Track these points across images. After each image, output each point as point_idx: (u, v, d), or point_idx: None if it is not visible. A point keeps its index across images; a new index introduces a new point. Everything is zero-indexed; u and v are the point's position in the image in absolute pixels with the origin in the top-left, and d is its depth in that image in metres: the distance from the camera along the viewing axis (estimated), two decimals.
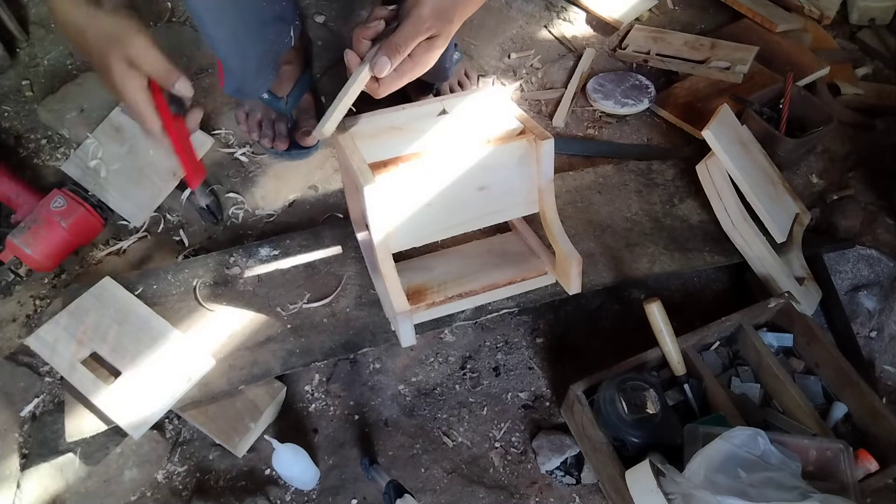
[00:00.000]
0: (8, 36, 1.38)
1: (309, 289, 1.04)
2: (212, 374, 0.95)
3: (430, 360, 1.08)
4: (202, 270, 1.06)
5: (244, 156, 1.28)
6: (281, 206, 1.24)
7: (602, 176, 1.21)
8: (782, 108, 1.25)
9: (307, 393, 1.04)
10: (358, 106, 0.82)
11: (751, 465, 0.76)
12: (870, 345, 1.11)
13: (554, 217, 0.93)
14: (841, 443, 0.83)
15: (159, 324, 0.98)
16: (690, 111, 1.37)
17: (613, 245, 1.11)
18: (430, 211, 0.88)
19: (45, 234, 1.07)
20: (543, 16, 1.59)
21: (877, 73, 1.53)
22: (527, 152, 0.89)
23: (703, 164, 1.12)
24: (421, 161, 0.86)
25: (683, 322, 1.00)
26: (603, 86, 1.41)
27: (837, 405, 0.97)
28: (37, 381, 1.03)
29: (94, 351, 0.94)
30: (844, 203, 1.25)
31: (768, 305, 1.01)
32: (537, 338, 1.11)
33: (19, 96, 1.34)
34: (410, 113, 0.93)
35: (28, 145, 1.28)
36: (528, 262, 1.02)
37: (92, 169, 1.19)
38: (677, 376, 0.95)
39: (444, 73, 1.30)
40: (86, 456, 0.95)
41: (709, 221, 1.15)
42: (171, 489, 0.95)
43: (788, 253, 1.10)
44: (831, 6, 1.61)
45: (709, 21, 1.62)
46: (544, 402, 1.05)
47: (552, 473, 0.98)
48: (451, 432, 1.02)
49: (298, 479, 0.93)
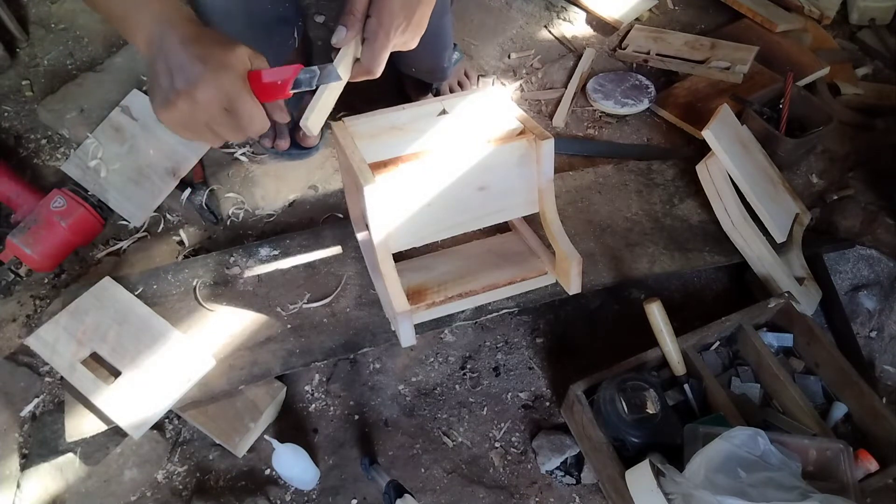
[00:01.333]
0: (8, 36, 1.38)
1: (309, 289, 1.04)
2: (212, 374, 0.95)
3: (430, 360, 1.08)
4: (202, 270, 1.06)
5: (244, 156, 1.28)
6: (281, 206, 1.24)
7: (602, 176, 1.21)
8: (782, 108, 1.25)
9: (307, 393, 1.04)
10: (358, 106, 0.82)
11: (751, 465, 0.76)
12: (870, 345, 1.11)
13: (554, 217, 0.93)
14: (841, 443, 0.83)
15: (159, 324, 0.98)
16: (690, 111, 1.37)
17: (613, 245, 1.11)
18: (430, 211, 0.88)
19: (45, 234, 1.07)
20: (543, 16, 1.60)
21: (877, 73, 1.53)
22: (527, 152, 0.89)
23: (703, 164, 1.12)
24: (421, 161, 0.86)
25: (683, 322, 1.00)
26: (603, 86, 1.41)
27: (837, 405, 0.97)
28: (37, 381, 1.03)
29: (94, 351, 0.94)
30: (844, 203, 1.25)
31: (768, 305, 1.01)
32: (537, 338, 1.11)
33: (19, 96, 1.34)
34: (410, 113, 0.93)
35: (28, 145, 1.28)
36: (528, 262, 1.02)
37: (92, 169, 1.19)
38: (677, 376, 0.95)
39: (444, 73, 1.30)
40: (86, 456, 0.95)
41: (709, 221, 1.15)
42: (171, 489, 0.95)
43: (788, 253, 1.10)
44: (831, 6, 1.61)
45: (709, 21, 1.62)
46: (544, 402, 1.05)
47: (552, 473, 0.98)
48: (451, 432, 1.02)
49: (298, 479, 0.93)
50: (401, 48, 0.77)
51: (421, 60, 1.24)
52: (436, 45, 1.19)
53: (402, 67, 1.27)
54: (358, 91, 0.78)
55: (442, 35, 1.17)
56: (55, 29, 1.42)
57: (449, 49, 1.24)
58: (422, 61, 1.24)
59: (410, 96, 1.35)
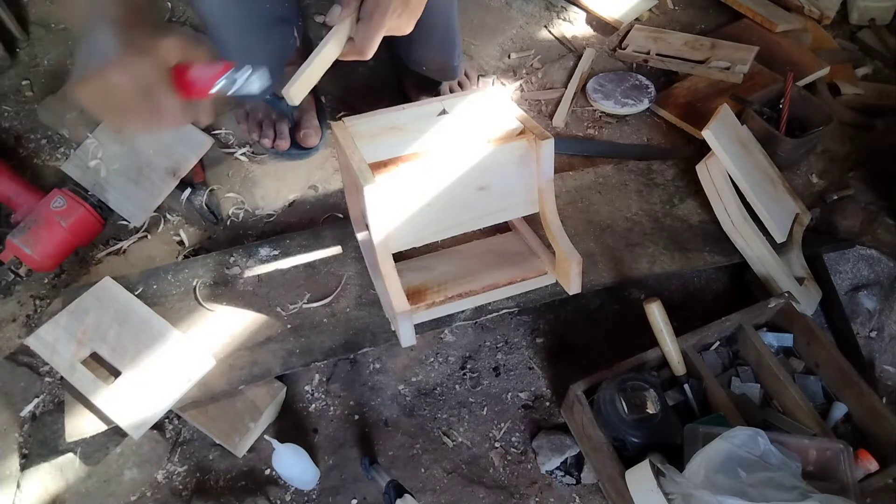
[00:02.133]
0: (8, 36, 1.38)
1: (309, 289, 1.04)
2: (212, 374, 0.95)
3: (430, 360, 1.08)
4: (202, 270, 1.06)
5: (244, 156, 1.28)
6: (281, 206, 1.24)
7: (602, 176, 1.21)
8: (782, 108, 1.25)
9: (307, 393, 1.04)
10: (358, 106, 0.82)
11: (751, 465, 0.76)
12: (870, 345, 1.11)
13: (554, 217, 0.93)
14: (841, 443, 0.83)
15: (159, 324, 0.98)
16: (690, 111, 1.37)
17: (613, 245, 1.11)
18: (430, 211, 0.88)
19: (45, 234, 1.07)
20: (543, 16, 1.59)
21: (877, 73, 1.53)
22: (527, 152, 0.89)
23: (703, 164, 1.12)
24: (421, 161, 0.86)
25: (683, 322, 1.00)
26: (603, 86, 1.41)
27: (837, 405, 0.97)
28: (37, 381, 1.03)
29: (94, 351, 0.94)
30: (844, 203, 1.25)
31: (768, 305, 1.01)
32: (537, 338, 1.11)
33: (19, 96, 1.34)
34: (410, 113, 0.93)
35: (28, 145, 1.28)
36: (528, 262, 1.02)
37: (92, 169, 1.19)
38: (677, 376, 0.95)
39: (454, 71, 1.29)
40: (86, 456, 0.95)
41: (709, 221, 1.15)
42: (171, 489, 0.95)
43: (788, 253, 1.10)
44: (831, 6, 1.61)
45: (709, 21, 1.62)
46: (544, 402, 1.05)
47: (552, 473, 0.98)
48: (451, 432, 1.02)
49: (298, 479, 0.93)
50: (395, 32, 0.77)
51: (432, 59, 1.24)
52: (445, 42, 1.19)
53: (412, 65, 1.27)
54: (358, 91, 0.79)
55: (451, 33, 1.17)
56: (55, 29, 1.42)
57: (458, 47, 1.24)
58: (433, 59, 1.24)
59: (410, 96, 1.34)
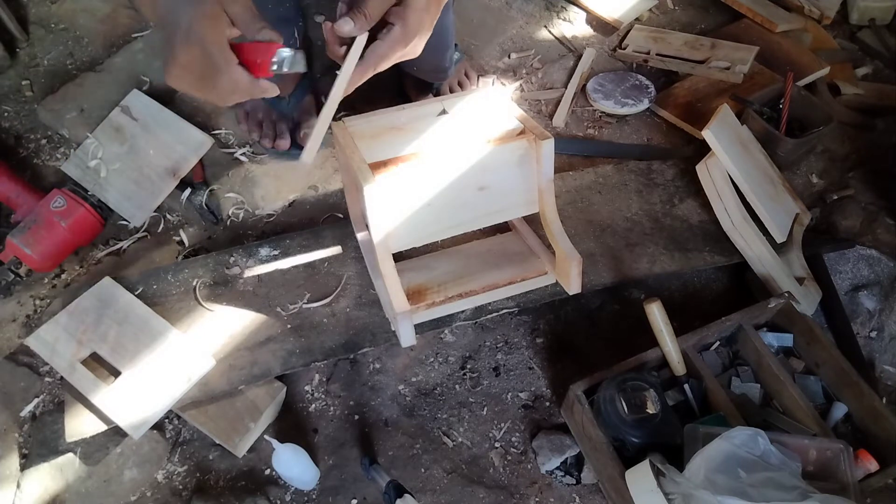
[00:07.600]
0: (8, 36, 1.38)
1: (309, 289, 1.04)
2: (212, 374, 0.95)
3: (430, 360, 1.08)
4: (202, 270, 1.06)
5: (244, 156, 1.28)
6: (281, 206, 1.24)
7: (602, 176, 1.21)
8: (782, 108, 1.24)
9: (307, 393, 1.04)
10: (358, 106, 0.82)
11: (751, 465, 0.76)
12: (870, 345, 1.11)
13: (554, 217, 0.93)
14: (841, 443, 0.84)
15: (159, 324, 0.98)
16: (690, 111, 1.37)
17: (613, 245, 1.11)
18: (430, 211, 0.88)
19: (45, 234, 1.07)
20: (543, 16, 1.59)
21: (877, 73, 1.53)
22: (527, 152, 0.89)
23: (703, 164, 1.12)
24: (421, 161, 0.86)
25: (683, 322, 1.00)
26: (603, 86, 1.41)
27: (837, 405, 0.97)
28: (37, 381, 1.03)
29: (94, 351, 0.94)
30: (844, 203, 1.25)
31: (768, 305, 1.01)
32: (537, 338, 1.11)
33: (19, 96, 1.34)
34: (410, 113, 0.93)
35: (28, 145, 1.28)
36: (528, 262, 1.02)
37: (92, 169, 1.19)
38: (677, 376, 0.95)
39: (446, 72, 1.30)
40: (86, 456, 0.95)
41: (709, 221, 1.15)
42: (171, 489, 0.95)
43: (788, 253, 1.10)
44: (831, 6, 1.61)
45: (709, 21, 1.62)
46: (544, 402, 1.05)
47: (552, 473, 0.98)
48: (451, 432, 1.02)
49: (298, 479, 0.93)
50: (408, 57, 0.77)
51: (423, 60, 1.23)
52: (438, 44, 1.19)
53: (404, 66, 1.27)
54: (358, 91, 0.78)
55: (444, 35, 1.17)
56: (55, 29, 1.42)
57: (451, 49, 1.24)
58: (424, 61, 1.24)
59: (410, 96, 1.34)
